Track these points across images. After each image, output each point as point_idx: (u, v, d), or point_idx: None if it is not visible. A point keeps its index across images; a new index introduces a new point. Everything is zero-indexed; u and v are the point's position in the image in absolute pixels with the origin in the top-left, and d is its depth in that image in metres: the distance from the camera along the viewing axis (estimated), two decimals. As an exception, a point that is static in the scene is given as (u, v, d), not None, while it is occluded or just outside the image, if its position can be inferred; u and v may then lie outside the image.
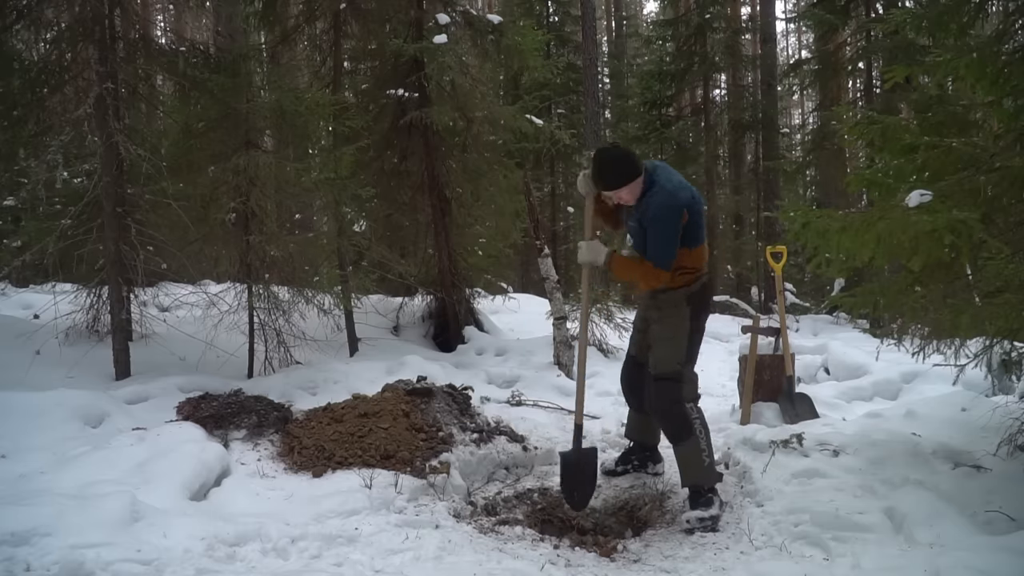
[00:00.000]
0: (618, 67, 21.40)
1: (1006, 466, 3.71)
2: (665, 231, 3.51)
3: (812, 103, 20.46)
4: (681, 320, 3.68)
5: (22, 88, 5.79)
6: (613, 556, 3.35)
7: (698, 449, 3.61)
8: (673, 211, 3.50)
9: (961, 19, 3.84)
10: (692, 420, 3.62)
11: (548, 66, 8.17)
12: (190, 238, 5.97)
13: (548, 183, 17.23)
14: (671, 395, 3.64)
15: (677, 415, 3.63)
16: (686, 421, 3.62)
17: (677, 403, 3.63)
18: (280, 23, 7.98)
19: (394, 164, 8.17)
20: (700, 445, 3.61)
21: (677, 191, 3.53)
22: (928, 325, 3.99)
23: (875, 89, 12.63)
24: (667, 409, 3.66)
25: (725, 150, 18.10)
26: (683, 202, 3.51)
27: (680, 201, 3.51)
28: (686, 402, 3.65)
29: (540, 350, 7.15)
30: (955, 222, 3.12)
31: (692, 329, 3.71)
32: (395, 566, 3.00)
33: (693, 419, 3.63)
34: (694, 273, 3.68)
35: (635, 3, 29.91)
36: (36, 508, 2.92)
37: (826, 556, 3.08)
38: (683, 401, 3.64)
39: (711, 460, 3.65)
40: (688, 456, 3.63)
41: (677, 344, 3.68)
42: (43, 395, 4.45)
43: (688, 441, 3.61)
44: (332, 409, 4.32)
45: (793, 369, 5.39)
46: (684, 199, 3.53)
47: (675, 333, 3.68)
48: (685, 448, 3.63)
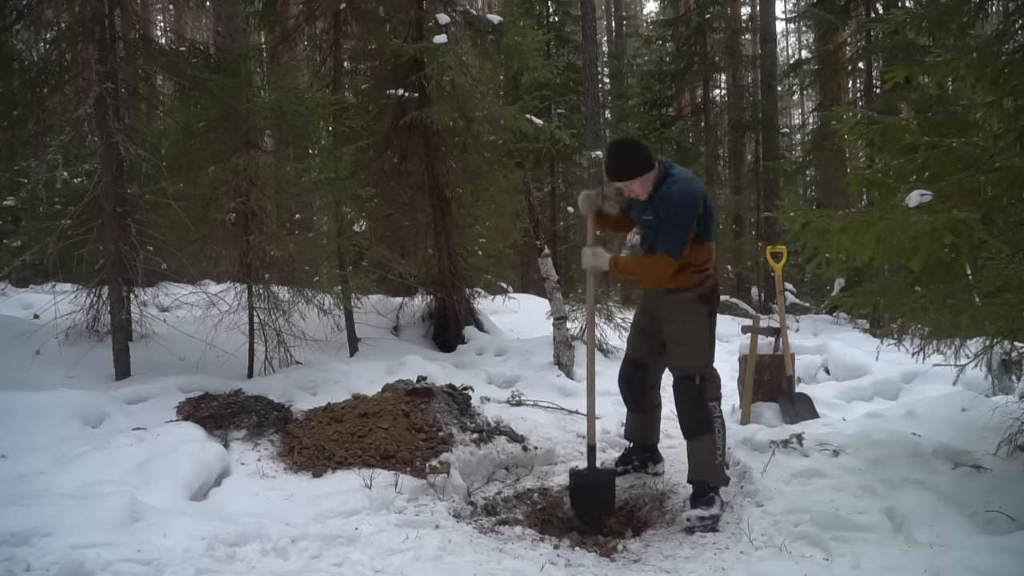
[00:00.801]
0: (618, 67, 21.40)
1: (1006, 466, 3.71)
2: (681, 219, 3.54)
3: (812, 103, 20.45)
4: (700, 319, 3.71)
5: (22, 88, 5.79)
6: (613, 556, 3.35)
7: (713, 447, 3.65)
8: (692, 199, 3.55)
9: (961, 19, 3.84)
10: (714, 419, 3.68)
11: (548, 66, 8.16)
12: (190, 238, 5.96)
13: (548, 183, 17.22)
14: (697, 395, 3.69)
15: (702, 412, 3.68)
16: (708, 419, 3.67)
17: (702, 402, 3.68)
18: (280, 23, 7.98)
19: (394, 164, 8.17)
20: (716, 443, 3.66)
21: (694, 181, 3.63)
22: (928, 325, 4.00)
23: (875, 89, 12.62)
24: (692, 408, 3.71)
25: (725, 150, 18.10)
26: (700, 192, 3.59)
27: (698, 191, 3.59)
28: (709, 401, 3.69)
29: (540, 350, 7.15)
30: (955, 222, 3.12)
31: (710, 327, 3.75)
32: (395, 566, 3.00)
33: (715, 418, 3.68)
34: (704, 272, 3.71)
35: (635, 3, 29.90)
36: (36, 508, 2.92)
37: (826, 556, 3.08)
38: (707, 400, 3.69)
39: (723, 460, 3.70)
40: (701, 452, 3.68)
41: (701, 345, 3.72)
42: (43, 395, 4.45)
43: (705, 438, 3.66)
44: (332, 409, 4.32)
45: (793, 369, 5.40)
46: (701, 189, 3.61)
47: (697, 334, 3.72)
48: (700, 444, 3.68)
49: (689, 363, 3.71)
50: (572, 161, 16.13)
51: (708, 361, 3.73)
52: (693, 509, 3.58)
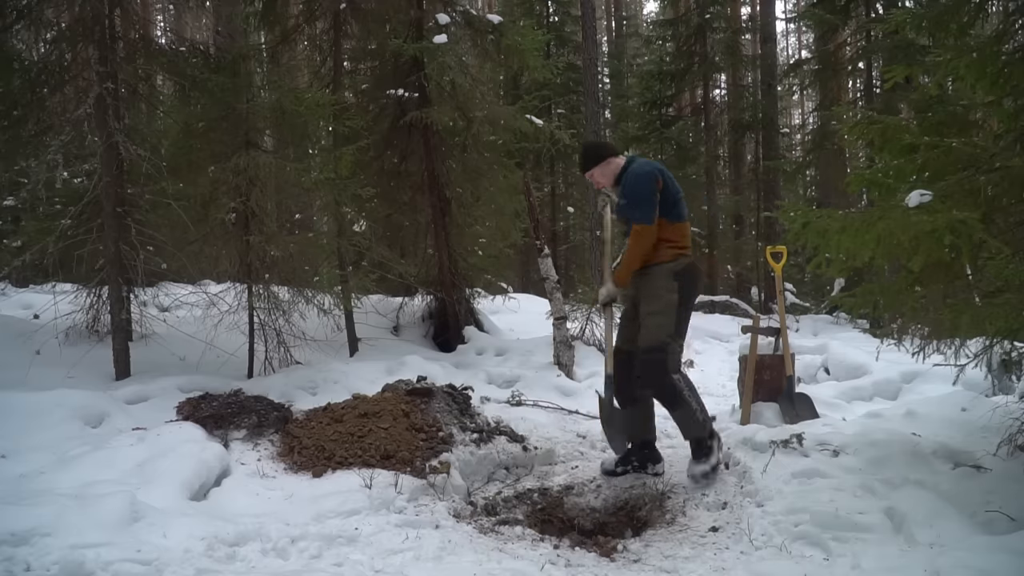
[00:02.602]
0: (618, 67, 21.40)
1: (1006, 466, 3.70)
2: (641, 190, 3.87)
3: (812, 103, 20.46)
4: (668, 293, 3.87)
5: (22, 88, 5.79)
6: (613, 556, 3.34)
7: (691, 411, 3.84)
8: (647, 175, 3.88)
9: (961, 19, 3.84)
10: (680, 391, 3.83)
11: (548, 66, 8.15)
12: (190, 238, 5.97)
13: (548, 183, 17.23)
14: (659, 369, 3.82)
15: (667, 388, 3.84)
16: (676, 392, 3.83)
17: (665, 375, 3.81)
18: (280, 23, 7.99)
19: (394, 164, 8.17)
20: (692, 408, 3.84)
21: (651, 163, 4.03)
22: (928, 325, 4.00)
23: (875, 89, 12.62)
24: (657, 384, 3.86)
25: (725, 150, 18.09)
26: (656, 168, 3.94)
27: (654, 168, 3.93)
28: (672, 373, 3.82)
29: (540, 350, 7.15)
30: (955, 222, 3.11)
31: (680, 304, 3.87)
32: (395, 566, 3.00)
33: (680, 390, 3.83)
34: (677, 248, 3.92)
35: (635, 3, 29.91)
36: (36, 508, 2.91)
37: (826, 556, 3.08)
38: (670, 373, 3.82)
39: (703, 415, 3.88)
40: (683, 418, 3.89)
41: (666, 317, 3.85)
42: (43, 395, 4.45)
43: (681, 408, 3.85)
44: (332, 409, 4.32)
45: (793, 369, 5.39)
46: (657, 167, 3.96)
47: (663, 307, 3.86)
48: (680, 412, 3.88)
49: (653, 333, 3.84)
50: (572, 161, 16.10)
51: (671, 332, 3.84)
52: (696, 465, 3.85)
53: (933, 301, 3.76)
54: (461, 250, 8.30)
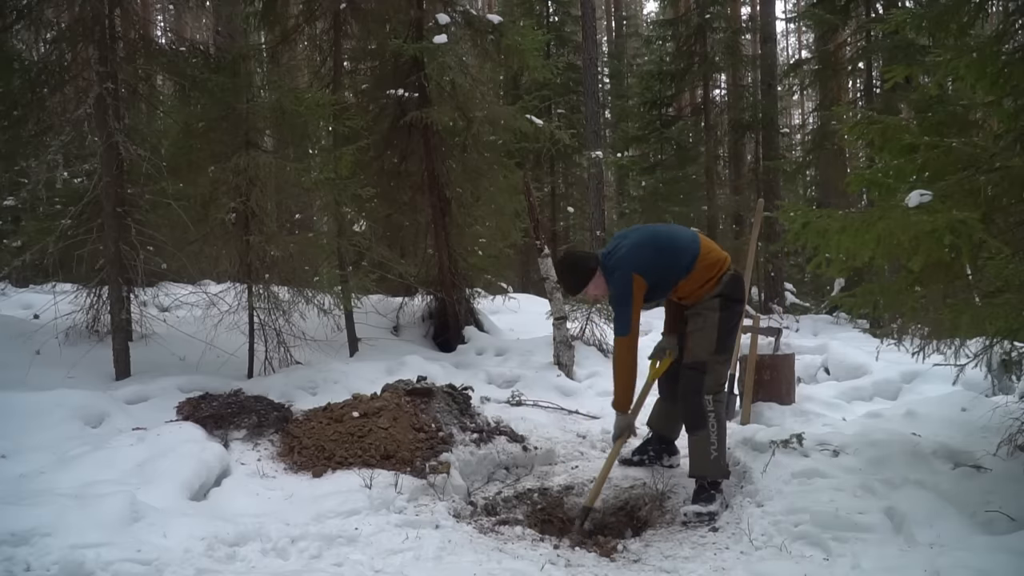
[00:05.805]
0: (618, 67, 21.40)
1: (1006, 466, 3.70)
2: (618, 300, 3.82)
3: (812, 103, 20.46)
4: (709, 312, 3.83)
5: (22, 88, 5.79)
6: (613, 556, 3.35)
7: (707, 441, 3.71)
8: (620, 281, 3.77)
9: (961, 19, 3.84)
10: (707, 412, 3.74)
11: (548, 66, 8.14)
12: (190, 238, 5.96)
13: (548, 183, 17.23)
14: (694, 384, 3.78)
15: (695, 404, 3.77)
16: (701, 411, 3.74)
17: (697, 393, 3.76)
18: (280, 23, 7.98)
19: (394, 164, 8.16)
20: (711, 438, 3.71)
21: (622, 260, 3.78)
22: (928, 325, 4.00)
23: (875, 89, 12.61)
24: (688, 398, 3.81)
25: (725, 150, 18.07)
26: (628, 268, 3.75)
27: (625, 268, 3.75)
28: (706, 393, 3.76)
29: (540, 350, 7.14)
30: (955, 222, 3.11)
31: (721, 319, 3.81)
32: (395, 566, 3.00)
33: (708, 411, 3.74)
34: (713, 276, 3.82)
35: (635, 3, 29.91)
36: (36, 508, 2.92)
37: (826, 556, 3.08)
38: (703, 392, 3.75)
39: (719, 455, 3.73)
40: (697, 446, 3.77)
41: (704, 335, 3.81)
42: (43, 395, 4.45)
43: (700, 432, 3.75)
44: (332, 409, 4.32)
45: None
46: (627, 265, 3.75)
47: (702, 324, 3.84)
48: (696, 437, 3.78)
49: (692, 352, 3.83)
50: (572, 161, 16.12)
51: (711, 349, 3.79)
52: (693, 504, 3.67)
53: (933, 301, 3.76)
54: (461, 250, 8.29)
